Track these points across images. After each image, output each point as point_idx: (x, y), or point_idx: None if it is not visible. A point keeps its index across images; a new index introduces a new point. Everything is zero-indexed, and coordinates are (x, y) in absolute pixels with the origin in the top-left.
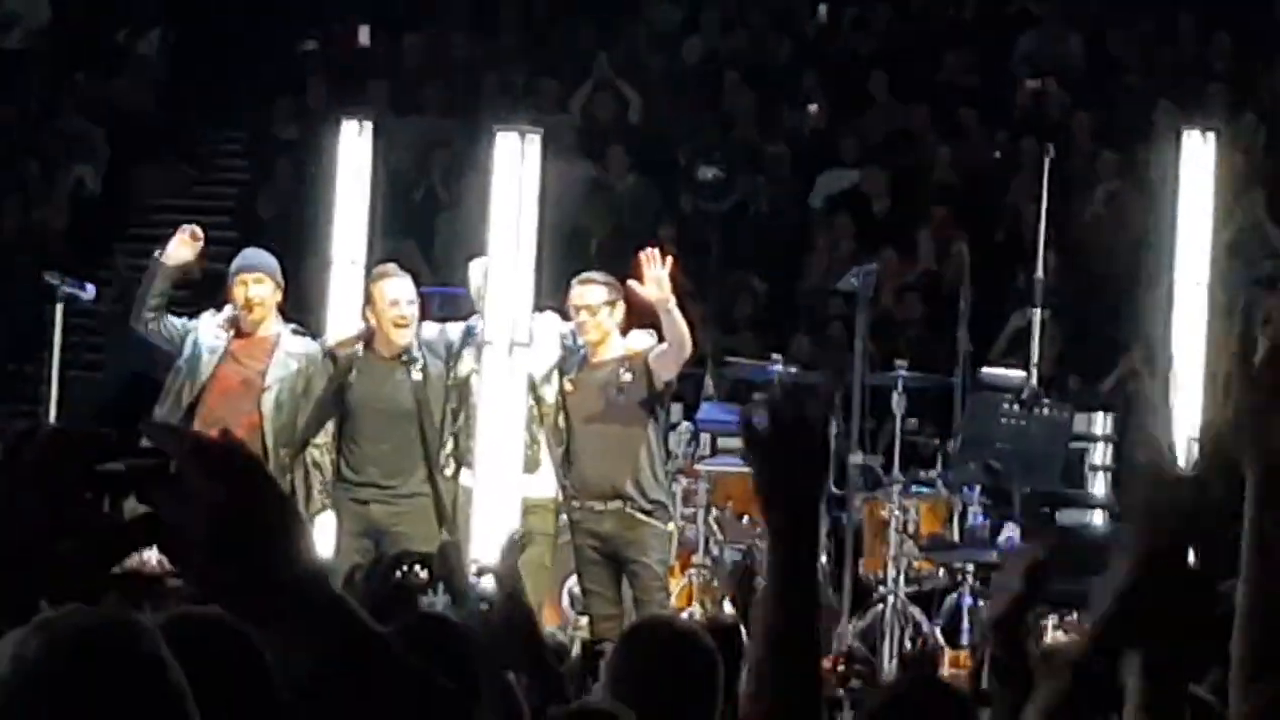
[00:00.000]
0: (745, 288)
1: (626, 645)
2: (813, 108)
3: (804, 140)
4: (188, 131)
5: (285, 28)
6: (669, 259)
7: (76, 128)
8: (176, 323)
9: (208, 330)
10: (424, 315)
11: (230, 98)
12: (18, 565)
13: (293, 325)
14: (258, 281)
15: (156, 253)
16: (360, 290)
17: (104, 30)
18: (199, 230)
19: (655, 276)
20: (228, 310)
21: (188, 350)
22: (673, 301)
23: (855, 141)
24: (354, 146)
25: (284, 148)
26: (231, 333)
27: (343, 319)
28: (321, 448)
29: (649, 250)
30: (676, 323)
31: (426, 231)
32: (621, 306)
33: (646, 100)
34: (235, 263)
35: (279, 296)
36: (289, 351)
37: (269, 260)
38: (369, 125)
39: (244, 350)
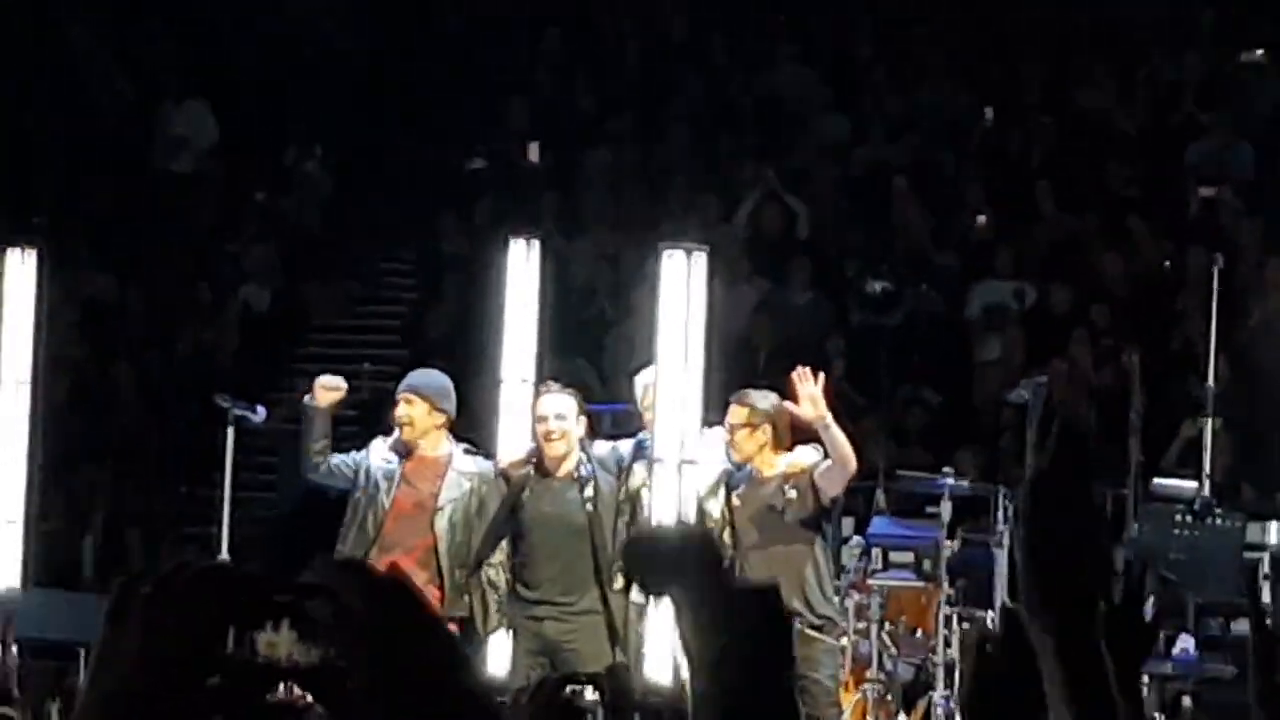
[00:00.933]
0: (916, 400)
1: None
2: (981, 219)
3: (970, 250)
4: (355, 250)
5: (453, 144)
6: (820, 376)
7: (247, 249)
8: (346, 459)
9: (378, 456)
10: (594, 432)
11: (397, 215)
12: (164, 701)
13: (464, 445)
14: (407, 402)
15: (305, 398)
16: (530, 407)
17: (272, 150)
18: (330, 379)
19: (809, 394)
20: (396, 433)
21: (361, 481)
22: (830, 418)
23: (1015, 251)
24: (523, 264)
25: (452, 266)
26: (402, 455)
27: (514, 438)
28: (497, 566)
29: (800, 369)
30: (837, 440)
31: (596, 349)
32: (766, 429)
33: (814, 212)
34: (402, 384)
35: (438, 417)
36: (461, 471)
37: (424, 379)
38: (537, 243)
39: (415, 472)
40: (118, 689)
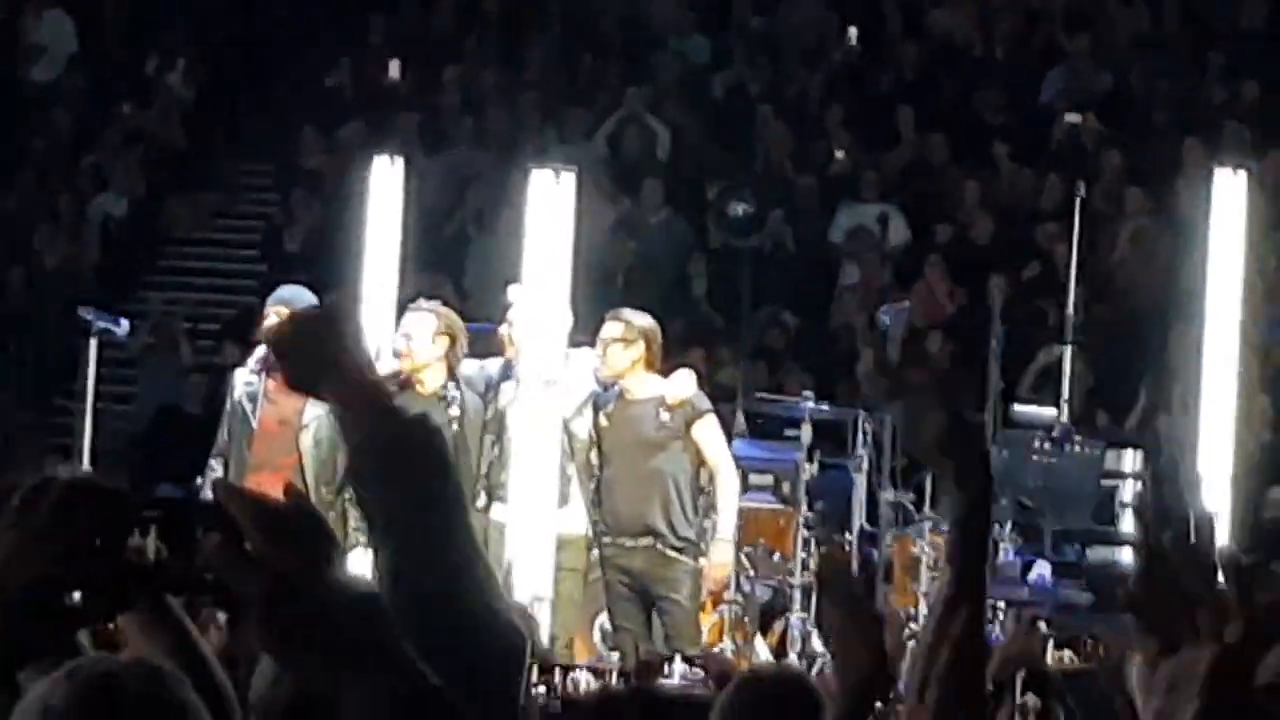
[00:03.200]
0: (775, 323)
1: (739, 693)
2: (840, 153)
3: (831, 175)
4: (214, 164)
5: (314, 60)
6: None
7: (107, 160)
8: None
9: (240, 384)
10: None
11: (257, 130)
12: (31, 614)
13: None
14: (280, 316)
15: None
16: (392, 325)
17: (134, 61)
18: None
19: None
20: (261, 349)
21: (230, 410)
22: (701, 410)
23: (879, 176)
24: (385, 181)
25: (312, 181)
26: (263, 374)
27: (376, 354)
28: None
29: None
30: (706, 444)
31: (458, 266)
32: (640, 346)
33: (675, 134)
34: (271, 298)
35: None
36: None
37: (296, 294)
38: (400, 160)
39: (279, 390)
40: None
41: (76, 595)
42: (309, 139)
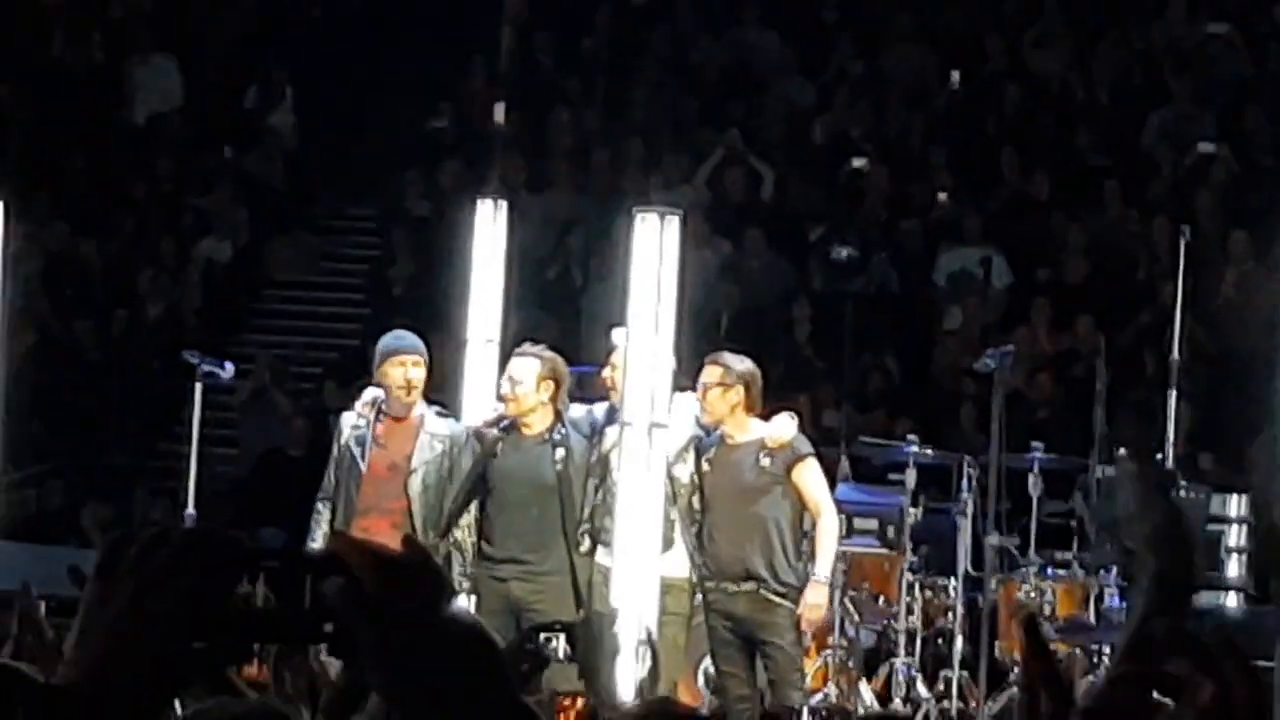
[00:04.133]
0: (878, 366)
1: None
2: (943, 196)
3: (933, 218)
4: (318, 206)
5: (417, 103)
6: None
7: (210, 203)
8: (329, 475)
9: (348, 427)
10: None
11: (361, 173)
12: (151, 666)
13: (436, 407)
14: (415, 365)
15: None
16: (495, 368)
17: (238, 105)
18: None
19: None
20: (369, 393)
21: (338, 455)
22: (801, 454)
23: (981, 218)
24: (489, 225)
25: (415, 224)
26: (372, 416)
27: (478, 398)
28: (464, 528)
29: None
30: (805, 486)
31: (560, 309)
32: (739, 390)
33: (777, 177)
34: (389, 343)
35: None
36: (433, 433)
37: (418, 342)
38: (504, 204)
39: (389, 434)
40: (108, 643)
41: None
42: (412, 182)
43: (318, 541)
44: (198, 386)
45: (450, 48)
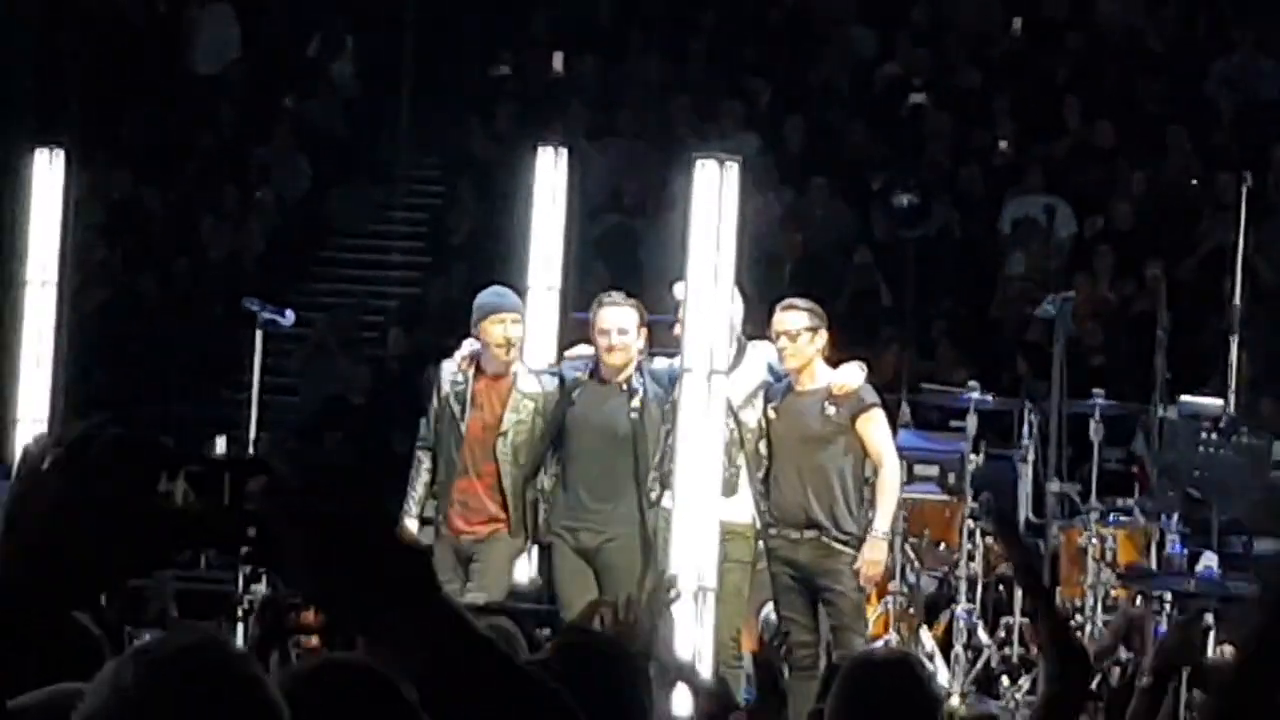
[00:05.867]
0: (940, 314)
1: (853, 676)
2: (1004, 143)
3: (995, 166)
4: (379, 155)
5: (477, 51)
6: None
7: (272, 152)
8: (425, 421)
9: (447, 377)
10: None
11: (421, 121)
12: (75, 562)
13: (529, 365)
14: (515, 322)
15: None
16: (555, 316)
17: (298, 54)
18: None
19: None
20: (468, 345)
21: (434, 403)
22: (865, 404)
23: (1044, 166)
24: (550, 172)
25: (476, 172)
26: (471, 373)
27: (539, 345)
28: (553, 477)
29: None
30: (870, 435)
31: (619, 256)
32: (824, 334)
33: (839, 125)
34: (488, 300)
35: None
36: (524, 392)
37: (519, 300)
38: (565, 151)
39: (484, 393)
40: (34, 539)
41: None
42: (472, 130)
43: (418, 491)
44: (258, 334)
45: None
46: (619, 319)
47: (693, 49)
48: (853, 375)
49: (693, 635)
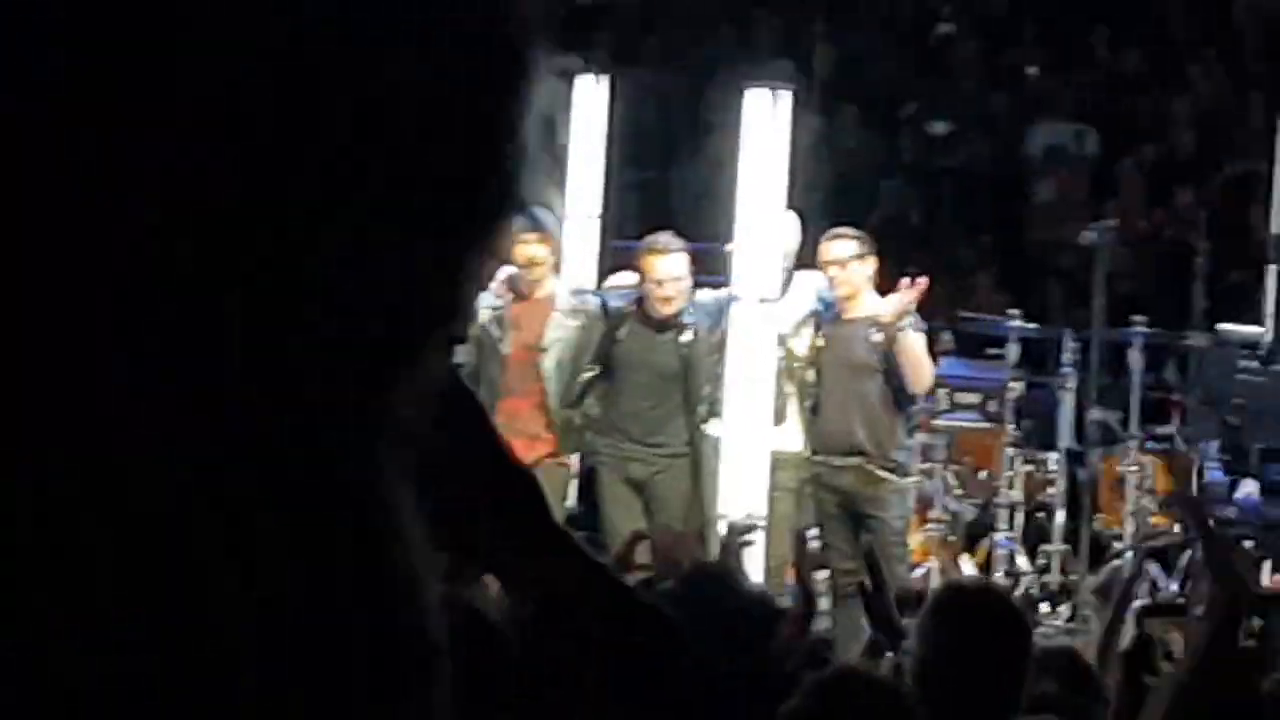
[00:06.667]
0: (972, 242)
1: (943, 609)
2: (1032, 70)
3: (1024, 93)
4: None
5: None
6: (920, 283)
7: None
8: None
9: (485, 304)
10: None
11: None
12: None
13: (571, 285)
14: (540, 241)
15: None
16: (596, 243)
17: None
18: None
19: (897, 298)
20: (504, 271)
21: (473, 330)
22: (903, 327)
23: (1074, 93)
24: (589, 98)
25: None
26: (510, 296)
27: (580, 272)
28: (599, 401)
29: (908, 280)
30: (909, 353)
31: (659, 185)
32: (873, 260)
33: (865, 53)
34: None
35: (556, 256)
36: (564, 311)
37: (549, 218)
38: (605, 78)
39: (523, 315)
40: None
41: None
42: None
43: None
44: None
45: None
46: (672, 267)
47: None
48: (902, 302)
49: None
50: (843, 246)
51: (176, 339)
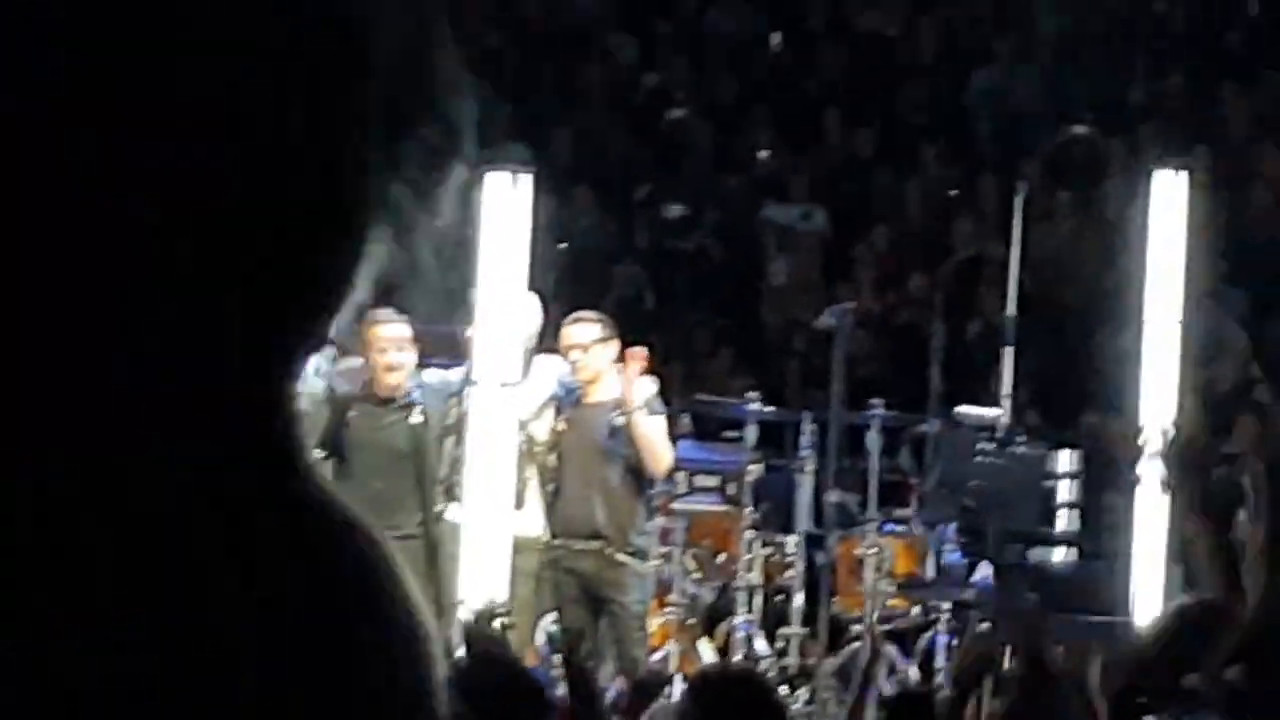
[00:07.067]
0: (710, 324)
1: (700, 692)
2: (764, 153)
3: (757, 176)
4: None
5: None
6: (636, 352)
7: None
8: None
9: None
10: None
11: None
12: None
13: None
14: None
15: None
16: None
17: None
18: None
19: (635, 381)
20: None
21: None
22: (636, 410)
23: (806, 176)
24: None
25: None
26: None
27: (318, 359)
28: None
29: (630, 350)
30: (644, 434)
31: (400, 267)
32: (614, 344)
33: (603, 135)
34: None
35: None
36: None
37: None
38: None
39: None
40: None
41: None
42: None
43: None
44: None
45: None
46: (393, 336)
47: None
48: (640, 386)
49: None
50: (585, 330)
51: (176, 339)
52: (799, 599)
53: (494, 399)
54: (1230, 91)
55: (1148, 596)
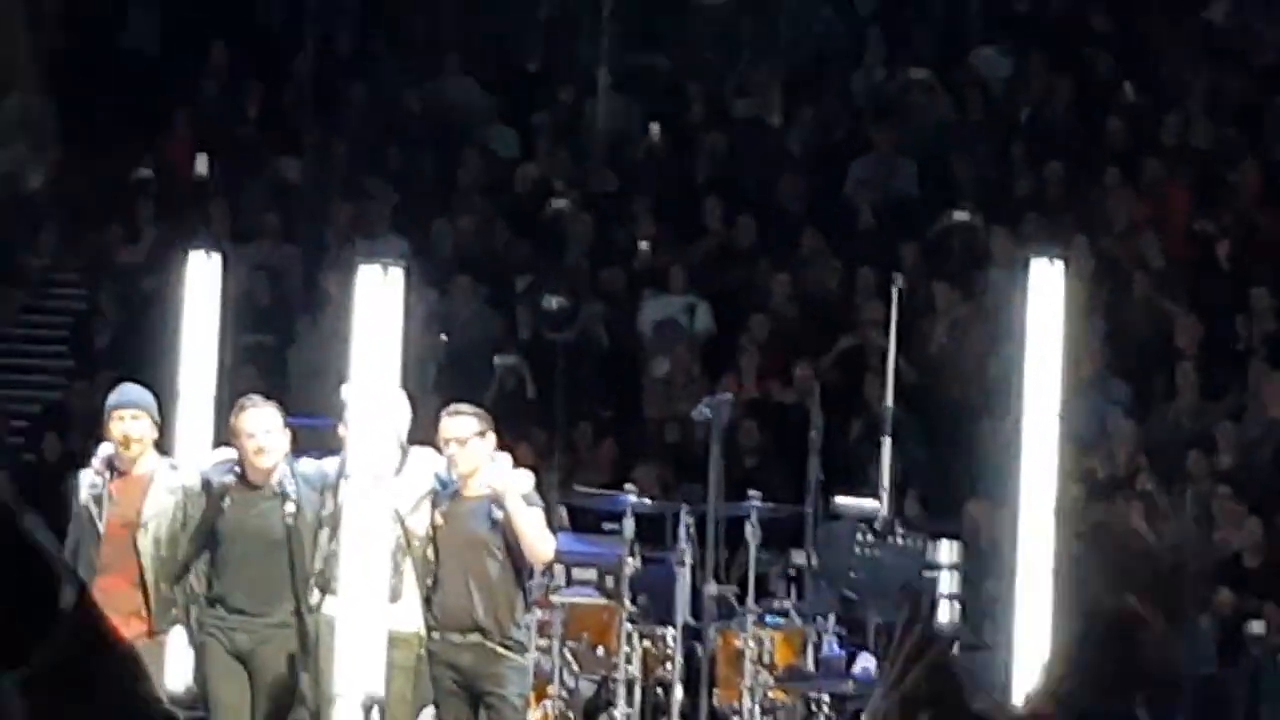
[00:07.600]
0: (589, 416)
1: None
2: (644, 244)
3: (637, 268)
4: (20, 258)
5: (119, 153)
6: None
7: None
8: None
9: (85, 483)
10: (296, 444)
11: (64, 224)
12: None
13: (170, 460)
14: (135, 418)
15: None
16: (210, 421)
17: None
18: None
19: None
20: (104, 449)
21: (74, 509)
22: (510, 499)
23: (685, 267)
24: (201, 276)
25: (120, 276)
26: (108, 474)
27: (193, 450)
28: (201, 577)
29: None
30: (526, 526)
31: (276, 361)
32: (492, 437)
33: (480, 227)
34: (110, 398)
35: (156, 433)
36: (165, 486)
37: (146, 396)
38: (217, 255)
39: (120, 491)
40: None
41: None
42: (115, 234)
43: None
44: None
45: (151, 99)
46: (262, 420)
47: (336, 149)
48: (518, 480)
49: None
50: (463, 424)
51: None
52: (679, 691)
53: (369, 492)
54: (1110, 179)
55: (1028, 686)
